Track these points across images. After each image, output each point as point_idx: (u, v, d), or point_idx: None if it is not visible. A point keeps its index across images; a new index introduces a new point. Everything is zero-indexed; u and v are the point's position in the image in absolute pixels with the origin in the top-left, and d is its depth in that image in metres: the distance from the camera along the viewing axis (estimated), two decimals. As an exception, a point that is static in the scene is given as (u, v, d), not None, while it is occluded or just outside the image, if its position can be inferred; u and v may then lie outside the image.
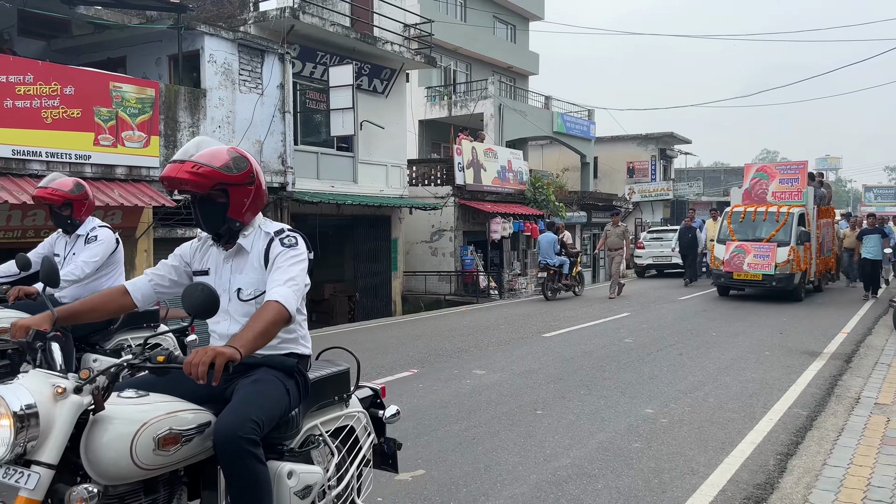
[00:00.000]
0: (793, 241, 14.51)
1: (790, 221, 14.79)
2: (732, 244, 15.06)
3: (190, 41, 12.08)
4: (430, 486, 4.56)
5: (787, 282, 14.51)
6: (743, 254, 14.83)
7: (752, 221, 15.30)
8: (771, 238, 14.71)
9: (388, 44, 16.51)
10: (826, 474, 4.68)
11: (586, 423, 5.96)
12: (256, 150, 12.86)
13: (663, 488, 4.56)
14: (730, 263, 14.97)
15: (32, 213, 9.35)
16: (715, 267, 15.57)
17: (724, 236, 15.43)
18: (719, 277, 15.42)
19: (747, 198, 16.02)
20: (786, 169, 16.11)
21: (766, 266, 14.49)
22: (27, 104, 9.37)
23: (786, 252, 14.42)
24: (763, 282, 14.73)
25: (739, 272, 14.85)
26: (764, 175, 16.09)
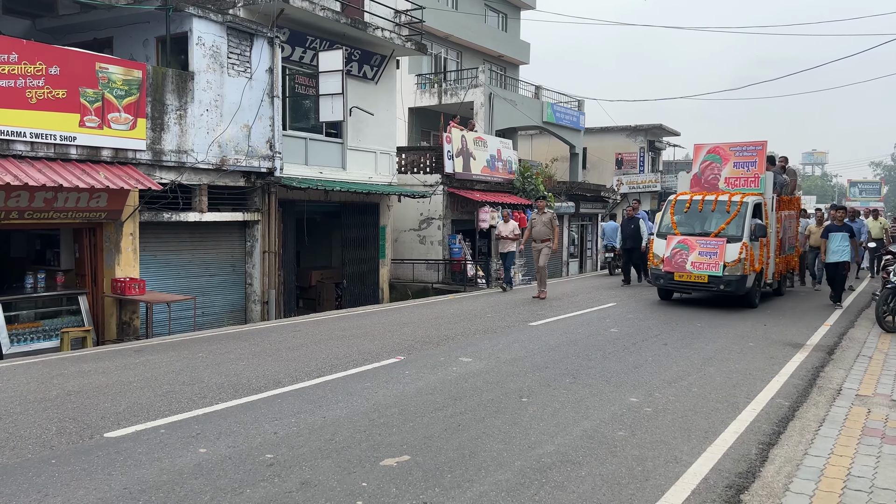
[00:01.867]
0: (745, 236, 12.32)
1: (743, 212, 12.53)
2: (674, 239, 12.79)
3: (178, 23, 11.94)
4: (415, 472, 4.57)
5: (737, 285, 12.20)
6: (686, 251, 12.54)
7: (699, 212, 13.04)
8: (720, 232, 12.51)
9: (379, 30, 16.40)
10: (807, 464, 4.74)
11: (571, 411, 5.99)
12: (244, 135, 12.76)
13: (646, 476, 4.60)
14: (671, 262, 12.68)
15: (16, 194, 9.24)
16: (654, 266, 13.19)
17: (666, 229, 13.15)
18: (658, 278, 13.09)
19: (696, 184, 13.83)
20: (741, 150, 13.48)
21: (713, 266, 12.24)
22: (11, 84, 9.23)
23: (737, 249, 12.18)
24: (709, 284, 12.38)
25: (681, 273, 12.55)
26: (716, 157, 13.69)
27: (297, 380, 7.03)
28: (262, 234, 13.54)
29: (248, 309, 13.51)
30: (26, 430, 5.40)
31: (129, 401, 6.23)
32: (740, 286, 12.25)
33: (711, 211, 12.93)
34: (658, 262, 13.00)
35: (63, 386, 6.76)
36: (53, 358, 8.49)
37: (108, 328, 10.95)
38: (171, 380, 7.04)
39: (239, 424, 5.55)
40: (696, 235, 12.71)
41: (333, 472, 4.56)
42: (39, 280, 10.83)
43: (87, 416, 5.76)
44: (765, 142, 13.38)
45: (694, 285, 12.74)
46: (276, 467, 4.64)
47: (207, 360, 8.03)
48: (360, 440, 5.18)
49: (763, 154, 13.37)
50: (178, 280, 12.24)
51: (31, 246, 12.18)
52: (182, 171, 11.77)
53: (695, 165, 14.00)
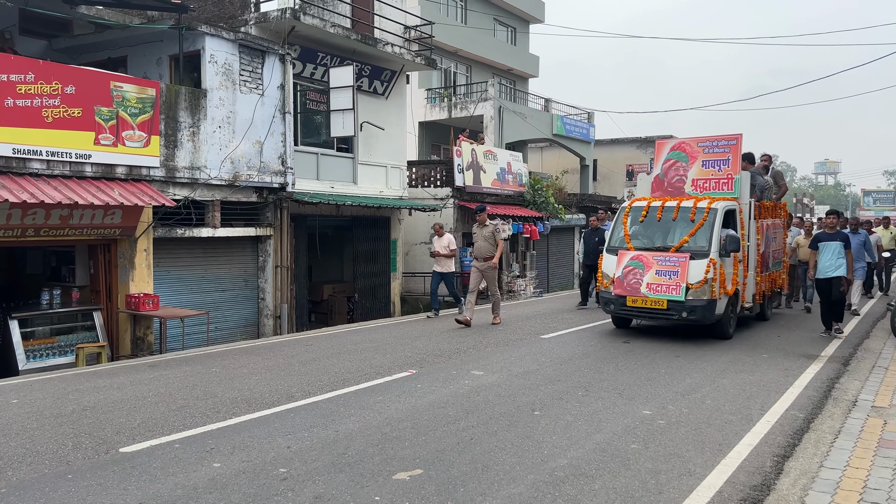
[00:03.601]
0: (714, 250, 9.95)
1: (710, 221, 10.22)
2: (627, 255, 10.40)
3: (191, 41, 12.10)
4: (428, 486, 4.58)
5: (704, 312, 9.78)
6: (641, 269, 10.15)
7: (658, 222, 10.70)
8: (681, 246, 10.14)
9: (389, 45, 16.52)
10: (822, 476, 4.70)
11: (584, 424, 5.97)
12: (257, 151, 12.88)
13: (660, 489, 4.58)
14: (622, 284, 10.27)
15: (32, 211, 9.36)
16: (603, 288, 10.80)
17: (618, 243, 10.81)
18: (608, 304, 10.63)
19: (658, 188, 11.57)
20: (712, 146, 11.20)
21: (674, 288, 9.82)
22: (28, 103, 9.38)
23: (702, 267, 9.83)
24: (669, 312, 9.90)
25: (635, 297, 10.12)
26: (681, 156, 11.43)
27: (310, 394, 7.06)
28: (275, 249, 13.62)
29: (260, 323, 13.57)
30: (43, 445, 5.45)
31: (144, 416, 6.27)
32: (707, 313, 9.82)
33: (672, 220, 10.57)
34: (608, 284, 10.59)
35: (79, 401, 6.82)
36: (69, 374, 8.57)
37: (122, 344, 11.03)
38: (185, 395, 7.09)
39: (252, 439, 5.58)
40: (654, 250, 10.33)
41: (347, 486, 4.58)
42: (55, 296, 10.96)
43: (103, 431, 5.81)
44: (739, 135, 11.08)
45: (650, 312, 10.13)
46: (289, 482, 4.66)
47: (221, 375, 8.08)
48: (373, 454, 5.19)
49: (737, 150, 11.10)
50: (192, 295, 12.33)
51: (46, 262, 12.31)
52: (195, 188, 11.88)
53: (656, 165, 11.76)
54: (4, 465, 5.01)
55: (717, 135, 11.35)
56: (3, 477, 4.77)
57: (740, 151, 11.21)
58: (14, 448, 5.37)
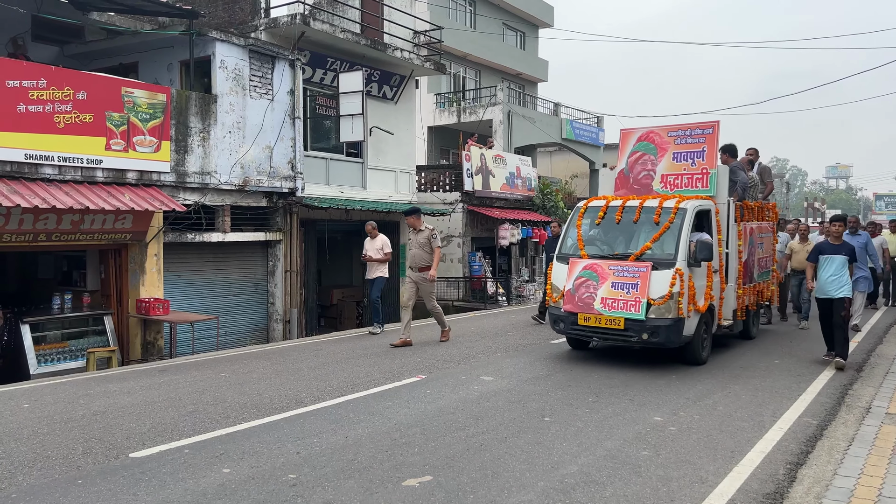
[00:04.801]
0: (681, 258, 8.37)
1: (678, 224, 8.60)
2: (579, 264, 8.76)
3: (201, 47, 12.16)
4: (437, 493, 4.56)
5: (668, 333, 8.15)
6: (595, 281, 8.53)
7: (617, 224, 9.11)
8: (642, 254, 8.52)
9: (398, 50, 16.56)
10: (836, 484, 4.65)
11: (594, 431, 5.94)
12: (266, 156, 12.92)
13: (671, 497, 4.54)
14: (573, 298, 8.63)
15: (44, 216, 9.42)
16: (552, 303, 9.18)
17: (570, 250, 9.16)
18: (557, 321, 8.96)
19: (623, 185, 9.96)
20: (684, 136, 9.60)
21: (632, 305, 8.20)
22: (40, 109, 9.45)
23: (667, 279, 8.22)
24: (627, 333, 8.28)
25: (587, 313, 8.48)
26: (649, 147, 9.83)
27: (320, 399, 7.05)
28: (284, 254, 13.65)
29: (270, 328, 13.59)
30: (53, 450, 5.46)
31: (154, 421, 6.28)
32: (672, 335, 8.17)
33: (634, 222, 8.95)
34: (557, 298, 8.96)
35: (89, 406, 6.84)
36: (79, 378, 8.60)
37: (132, 348, 11.08)
38: (194, 399, 7.10)
39: (262, 444, 5.58)
40: (611, 259, 8.71)
41: (356, 492, 4.56)
42: (66, 301, 11.02)
43: (113, 436, 5.82)
44: (716, 123, 9.54)
45: (605, 332, 8.48)
46: (299, 487, 4.65)
47: (231, 380, 8.08)
48: (383, 460, 5.17)
49: (714, 140, 9.47)
50: (202, 300, 12.36)
51: (58, 267, 12.39)
52: (205, 193, 11.93)
53: (620, 159, 10.12)
54: (15, 469, 5.03)
55: (691, 123, 9.70)
56: (14, 482, 4.79)
57: (717, 142, 9.51)
58: (25, 452, 5.39)
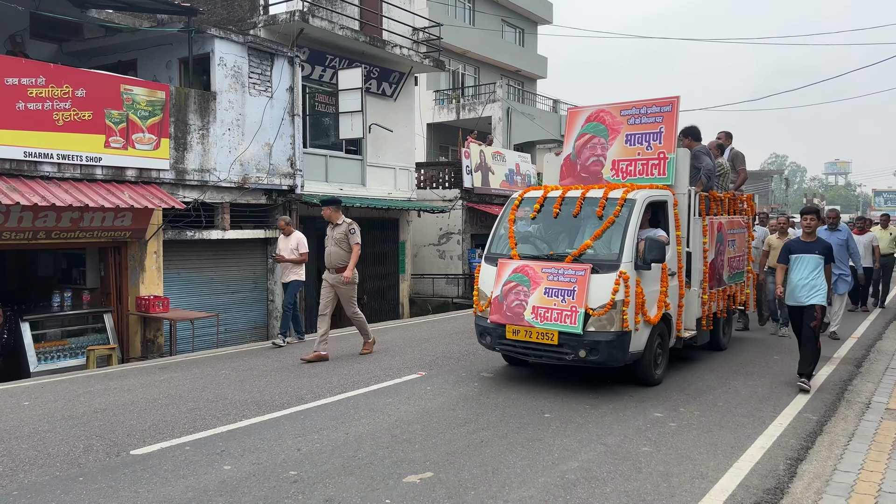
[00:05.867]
0: (626, 259, 6.97)
1: (624, 218, 7.22)
2: (509, 266, 7.40)
3: (200, 44, 12.14)
4: (438, 489, 4.57)
5: (609, 350, 6.79)
6: (526, 287, 7.15)
7: (554, 219, 7.71)
8: (581, 254, 7.12)
9: (397, 47, 16.54)
10: (837, 479, 4.66)
11: (594, 427, 5.94)
12: (266, 153, 12.91)
13: (672, 492, 4.55)
14: (501, 307, 7.29)
15: (43, 214, 9.41)
16: (478, 312, 7.74)
17: (499, 249, 7.81)
18: (484, 334, 7.60)
19: (570, 173, 8.65)
20: (639, 115, 8.30)
21: (568, 316, 6.85)
22: (39, 106, 9.43)
23: (608, 284, 6.83)
24: (561, 349, 6.92)
25: (517, 325, 7.13)
26: (599, 128, 8.54)
27: (320, 396, 7.06)
28: (284, 251, 13.63)
29: (270, 325, 13.59)
30: (54, 447, 5.47)
31: (155, 418, 6.29)
32: (616, 352, 6.81)
33: (574, 216, 7.56)
34: (484, 307, 7.56)
35: (89, 404, 6.84)
36: (80, 376, 8.60)
37: (132, 346, 11.08)
38: (195, 397, 7.10)
39: (263, 441, 5.58)
40: (545, 260, 7.32)
41: (357, 488, 4.57)
42: (66, 299, 11.01)
43: (114, 433, 5.82)
44: (675, 98, 8.19)
45: (537, 349, 7.07)
46: (300, 484, 4.65)
47: (231, 377, 8.09)
48: (383, 456, 5.18)
49: (673, 120, 8.12)
50: (202, 297, 12.36)
51: (57, 265, 12.38)
52: (205, 190, 11.92)
53: (567, 143, 8.77)
54: (16, 467, 5.03)
55: (647, 99, 8.38)
56: (15, 479, 4.79)
57: (676, 121, 8.15)
58: (26, 450, 5.39)
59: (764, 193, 59.56)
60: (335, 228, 9.29)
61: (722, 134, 10.76)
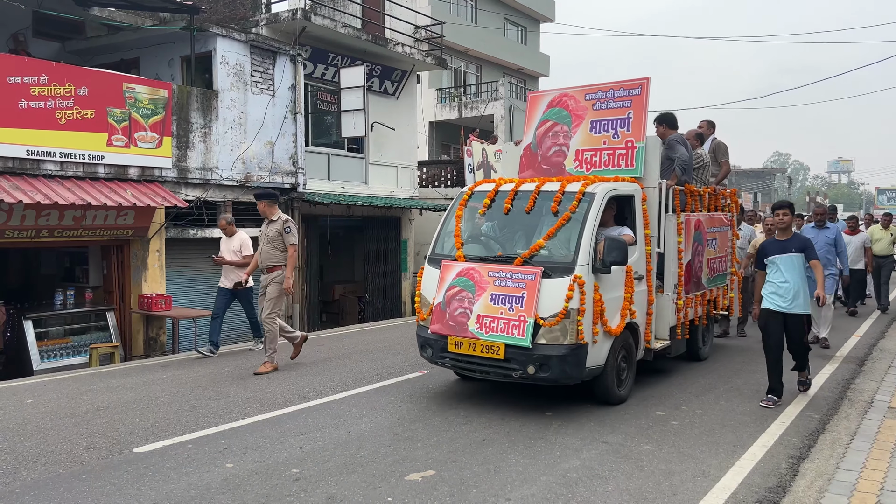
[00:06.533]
0: (581, 262, 6.11)
1: (581, 215, 6.38)
2: (453, 268, 6.56)
3: (202, 42, 12.14)
4: (440, 487, 4.57)
5: (562, 366, 5.96)
6: (471, 292, 6.32)
7: (505, 216, 6.91)
8: (531, 256, 6.29)
9: (399, 45, 16.53)
10: (839, 478, 4.65)
11: (596, 425, 5.95)
12: (268, 151, 12.91)
13: (674, 491, 4.55)
14: (443, 315, 6.46)
15: (46, 212, 9.42)
16: (420, 321, 6.93)
17: (445, 250, 6.98)
18: (425, 346, 6.75)
19: (530, 164, 7.77)
20: (605, 99, 7.43)
21: (515, 326, 6.04)
22: (42, 105, 9.45)
23: (561, 290, 6.01)
24: (508, 365, 6.09)
25: (460, 336, 6.30)
26: (562, 115, 7.66)
27: (322, 394, 7.07)
28: (286, 250, 13.64)
29: (272, 323, 13.59)
30: (57, 445, 5.48)
31: (157, 416, 6.30)
32: (569, 368, 5.97)
33: (526, 213, 6.71)
34: (426, 315, 6.76)
35: (92, 401, 6.85)
36: (82, 374, 8.62)
37: (135, 344, 11.09)
38: (197, 395, 7.11)
39: (265, 439, 5.59)
40: (493, 262, 6.46)
41: (359, 486, 4.57)
42: (69, 297, 11.03)
43: (117, 431, 5.84)
44: (645, 80, 7.34)
45: (482, 363, 6.23)
46: (302, 482, 4.66)
47: (233, 375, 8.10)
48: (385, 455, 5.19)
49: (643, 103, 7.24)
50: (204, 296, 12.37)
51: (60, 263, 12.40)
52: (207, 188, 11.93)
53: (527, 131, 7.93)
54: (20, 464, 5.04)
55: (614, 81, 7.56)
56: (18, 477, 4.80)
57: (646, 106, 7.26)
58: (29, 448, 5.41)
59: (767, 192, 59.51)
60: (269, 225, 8.42)
61: (703, 123, 9.82)
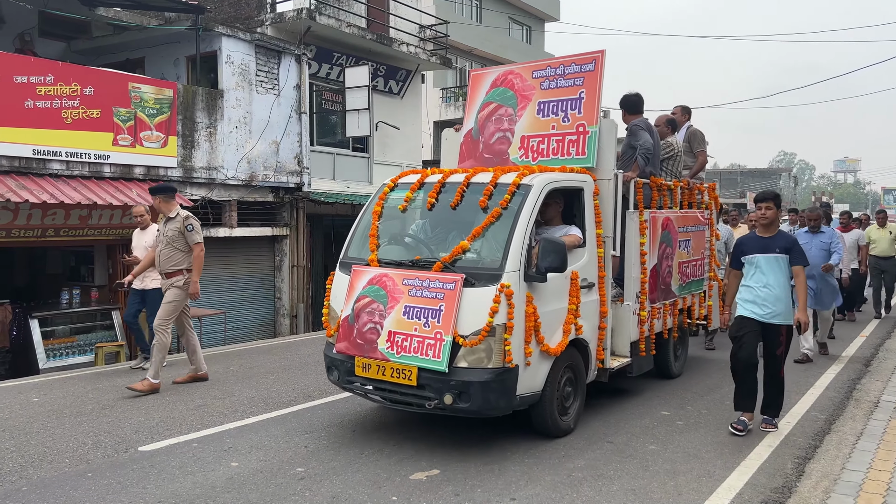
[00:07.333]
0: (510, 267, 5.05)
1: (513, 211, 5.34)
2: (364, 275, 5.50)
3: (208, 42, 12.17)
4: (445, 487, 4.57)
5: (485, 395, 4.90)
6: (383, 304, 5.27)
7: (429, 212, 5.89)
8: (452, 261, 5.21)
9: (404, 45, 16.54)
10: (845, 479, 4.64)
11: (601, 425, 5.94)
12: (273, 151, 12.94)
13: (679, 490, 4.54)
14: (350, 331, 5.41)
15: (52, 212, 9.45)
16: (328, 336, 5.80)
17: (358, 253, 5.87)
18: (332, 367, 5.64)
19: (471, 153, 6.80)
20: (555, 77, 6.44)
21: (430, 346, 4.97)
22: (48, 104, 9.48)
23: (485, 302, 4.96)
24: (422, 393, 5.04)
25: (369, 358, 5.24)
26: (507, 95, 6.70)
27: (327, 393, 7.07)
28: (291, 249, 13.68)
29: (277, 323, 13.64)
30: (63, 443, 5.50)
31: (162, 415, 6.31)
32: (495, 396, 4.96)
33: (452, 209, 5.67)
34: (333, 330, 5.65)
35: (98, 400, 6.87)
36: (88, 372, 8.64)
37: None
38: (202, 394, 7.13)
39: (270, 438, 5.60)
40: (409, 267, 5.38)
41: (364, 486, 4.58)
42: (74, 296, 11.06)
43: (122, 429, 5.85)
44: (599, 53, 6.29)
45: (393, 390, 5.22)
46: (306, 481, 4.67)
47: (238, 374, 8.12)
48: (390, 454, 5.19)
49: (596, 80, 6.23)
50: (209, 295, 12.39)
51: (66, 262, 12.44)
52: (212, 188, 11.96)
53: (468, 115, 6.98)
54: (26, 463, 5.06)
55: (565, 56, 6.59)
56: (24, 475, 4.82)
57: (601, 84, 6.23)
58: (35, 446, 5.43)
59: (772, 191, 59.20)
60: (168, 223, 7.44)
61: (677, 108, 8.90)
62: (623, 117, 7.11)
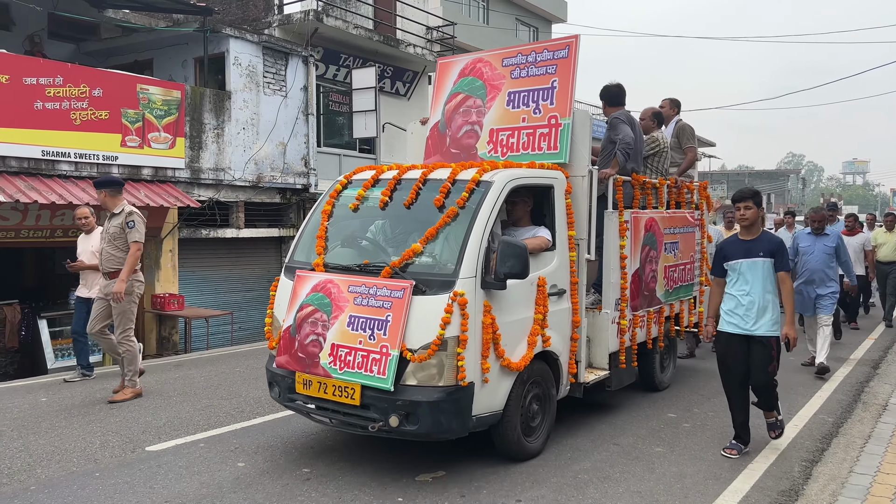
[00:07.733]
0: (465, 273, 4.51)
1: (470, 210, 4.78)
2: (308, 281, 4.98)
3: (215, 44, 12.21)
4: (451, 488, 4.57)
5: (435, 417, 4.42)
6: (326, 314, 4.76)
7: (382, 211, 5.28)
8: (403, 265, 4.68)
9: (411, 46, 16.56)
10: (852, 482, 4.62)
11: (607, 427, 5.93)
12: (280, 152, 12.97)
13: (685, 493, 4.53)
14: (291, 343, 4.88)
15: (61, 212, 9.51)
16: (270, 348, 5.25)
17: (304, 256, 5.34)
18: (273, 383, 5.15)
19: (437, 149, 6.40)
20: (526, 65, 5.97)
21: (376, 362, 4.47)
22: (56, 106, 9.53)
23: (436, 312, 4.43)
24: (365, 413, 4.56)
25: (310, 374, 4.74)
26: (475, 85, 6.24)
27: (333, 394, 7.07)
28: (298, 250, 13.69)
29: (283, 323, 13.65)
30: (71, 443, 5.53)
31: (170, 415, 6.34)
32: (446, 418, 4.50)
33: (406, 207, 5.15)
34: (275, 342, 5.15)
35: (106, 400, 6.90)
36: (96, 372, 8.67)
37: (148, 343, 11.16)
38: (209, 394, 7.15)
39: (276, 438, 5.61)
40: (356, 273, 4.89)
41: (370, 486, 4.58)
42: (83, 296, 11.10)
43: (130, 429, 5.88)
44: (573, 38, 5.87)
45: (335, 409, 4.74)
46: (313, 481, 4.67)
47: (245, 375, 8.14)
48: (396, 455, 5.19)
49: (570, 69, 5.80)
50: (216, 295, 12.45)
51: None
52: (219, 189, 12.00)
53: (435, 107, 6.59)
54: (34, 462, 5.09)
55: (537, 42, 6.36)
56: (32, 474, 4.85)
57: (575, 72, 5.79)
58: (43, 446, 5.46)
59: (780, 193, 59.10)
60: (111, 219, 6.94)
61: (665, 101, 8.31)
62: (603, 110, 6.69)
